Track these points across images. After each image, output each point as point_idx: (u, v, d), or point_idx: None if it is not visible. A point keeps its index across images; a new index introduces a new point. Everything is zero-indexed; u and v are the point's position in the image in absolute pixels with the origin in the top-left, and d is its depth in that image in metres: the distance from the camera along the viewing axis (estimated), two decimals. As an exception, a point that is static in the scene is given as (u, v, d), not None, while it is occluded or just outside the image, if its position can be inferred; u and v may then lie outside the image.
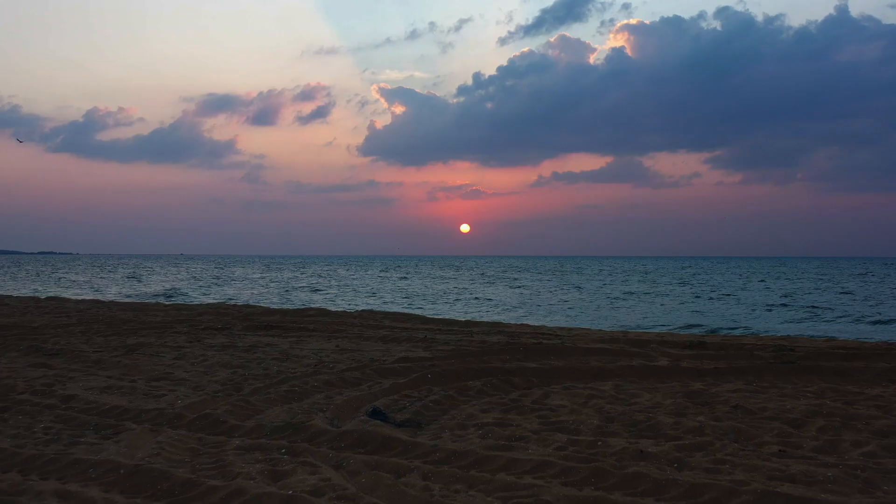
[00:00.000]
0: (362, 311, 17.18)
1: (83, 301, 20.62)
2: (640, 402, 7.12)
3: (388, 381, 8.21)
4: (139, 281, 52.58)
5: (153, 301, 28.63)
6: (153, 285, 46.44)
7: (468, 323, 14.48)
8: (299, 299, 33.96)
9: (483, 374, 8.47)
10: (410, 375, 8.45)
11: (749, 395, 7.31)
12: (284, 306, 27.64)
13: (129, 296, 34.03)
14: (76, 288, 42.60)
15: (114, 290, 40.22)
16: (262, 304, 29.74)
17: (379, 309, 26.73)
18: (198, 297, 34.22)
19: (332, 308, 28.00)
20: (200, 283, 48.96)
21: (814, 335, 17.74)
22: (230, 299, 31.73)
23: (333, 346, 11.06)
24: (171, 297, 35.26)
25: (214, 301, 29.66)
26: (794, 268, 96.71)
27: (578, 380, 8.32)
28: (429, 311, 26.33)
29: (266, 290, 42.00)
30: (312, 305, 29.54)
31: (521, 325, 14.72)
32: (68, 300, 20.83)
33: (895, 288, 42.87)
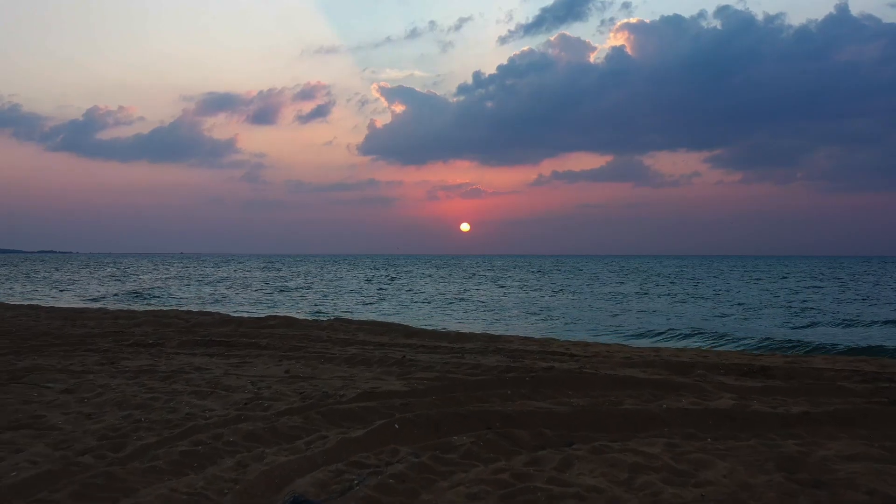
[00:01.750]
0: (334, 319, 14.65)
1: (14, 307, 18.04)
2: (715, 480, 4.60)
3: (337, 435, 5.68)
4: (121, 280, 50.86)
5: (110, 303, 26.32)
6: (133, 284, 44.50)
7: (459, 336, 11.92)
8: (277, 300, 31.70)
9: (474, 421, 5.95)
10: (371, 423, 5.93)
11: (879, 467, 4.78)
12: (255, 309, 25.49)
13: (115, 297, 31.50)
14: (54, 287, 40.72)
15: (95, 290, 37.78)
16: (237, 305, 27.56)
17: (358, 314, 24.44)
18: (170, 298, 31.96)
19: (310, 312, 25.76)
20: (184, 283, 47.00)
21: (820, 341, 15.76)
22: (209, 300, 29.35)
23: (282, 371, 8.53)
24: (145, 297, 33.09)
25: (185, 303, 27.20)
26: (794, 267, 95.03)
27: (611, 431, 5.79)
28: (415, 315, 24.02)
29: (246, 289, 39.67)
30: (291, 308, 27.11)
31: (525, 339, 12.17)
32: (-2, 306, 18.24)
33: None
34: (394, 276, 62.08)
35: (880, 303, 30.43)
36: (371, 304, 31.28)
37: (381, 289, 41.50)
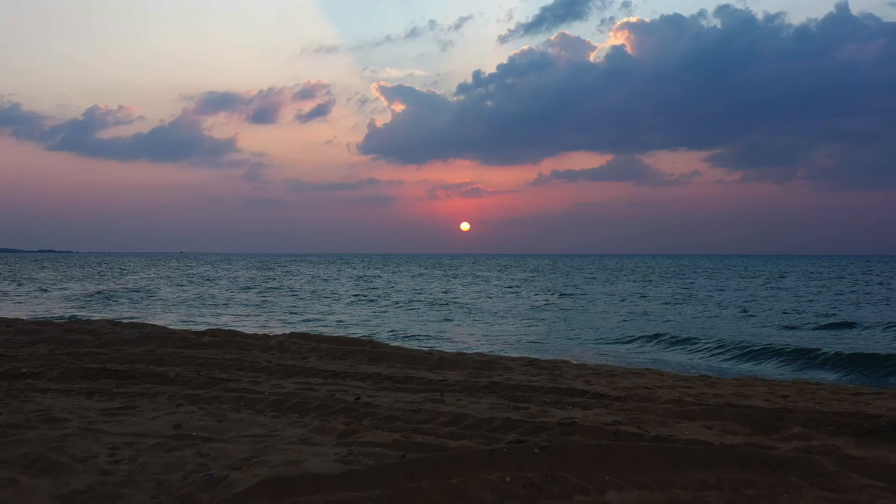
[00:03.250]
0: (289, 334, 11.85)
1: None
2: None
3: None
4: (107, 280, 48.92)
5: (74, 307, 23.73)
6: (114, 284, 42.67)
7: (441, 361, 9.06)
8: (255, 302, 29.37)
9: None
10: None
11: None
12: (228, 311, 23.16)
13: (86, 299, 28.75)
14: (39, 287, 38.89)
15: (82, 289, 35.27)
16: (213, 307, 24.82)
17: (334, 319, 22.03)
18: (152, 299, 29.83)
19: (283, 313, 23.22)
20: (173, 283, 45.40)
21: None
22: (184, 301, 26.60)
23: (171, 426, 5.74)
24: (112, 297, 30.70)
25: (161, 303, 24.36)
26: (795, 267, 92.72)
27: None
28: (398, 321, 21.40)
29: (229, 290, 37.27)
30: (268, 310, 24.40)
31: (529, 363, 9.32)
32: None
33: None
34: (386, 275, 59.47)
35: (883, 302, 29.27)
36: (353, 304, 28.93)
37: (368, 290, 38.90)
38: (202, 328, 17.72)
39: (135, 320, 15.73)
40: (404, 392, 7.04)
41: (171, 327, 13.25)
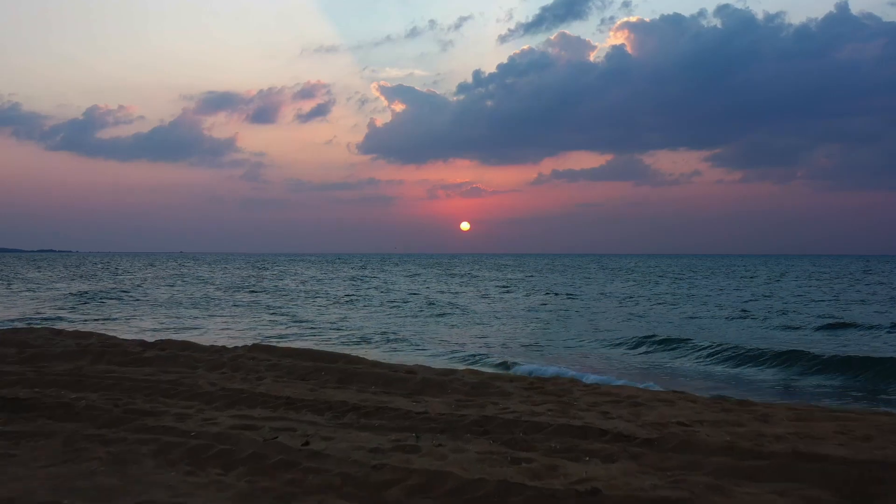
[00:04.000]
0: (252, 346, 10.26)
1: None
2: None
3: None
4: (99, 279, 48.38)
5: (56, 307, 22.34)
6: (106, 284, 42.01)
7: (423, 385, 7.43)
8: (241, 302, 28.05)
9: None
10: None
11: None
12: (210, 312, 21.93)
13: (72, 298, 27.30)
14: (28, 286, 38.09)
15: (72, 289, 33.97)
16: (195, 308, 23.28)
17: (319, 319, 20.61)
18: (142, 299, 28.51)
19: (268, 313, 21.83)
20: (164, 282, 43.97)
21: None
22: (172, 301, 25.07)
23: (47, 487, 4.19)
24: (99, 298, 29.71)
25: (146, 304, 22.85)
26: (795, 267, 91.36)
27: None
28: (385, 325, 19.84)
29: (219, 290, 35.99)
30: (250, 310, 22.88)
31: (530, 385, 7.68)
32: None
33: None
34: (383, 275, 57.99)
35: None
36: (346, 305, 27.49)
37: (363, 290, 37.39)
38: (189, 330, 16.43)
39: (80, 329, 14.11)
40: (370, 431, 5.46)
41: (119, 337, 11.67)
